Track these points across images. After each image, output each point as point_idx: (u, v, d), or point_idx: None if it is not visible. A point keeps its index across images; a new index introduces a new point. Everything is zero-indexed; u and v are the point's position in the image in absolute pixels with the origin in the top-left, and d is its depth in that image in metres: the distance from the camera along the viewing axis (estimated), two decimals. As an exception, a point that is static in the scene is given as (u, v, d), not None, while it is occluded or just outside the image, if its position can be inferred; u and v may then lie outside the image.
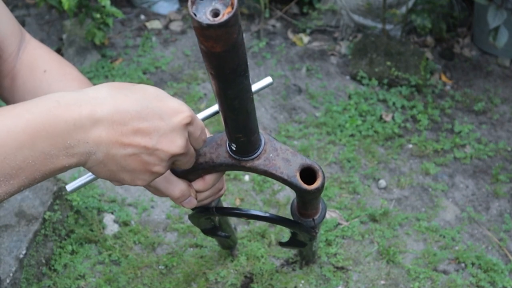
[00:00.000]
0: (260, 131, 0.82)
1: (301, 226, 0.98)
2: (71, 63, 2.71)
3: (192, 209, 1.01)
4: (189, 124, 0.71)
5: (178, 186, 0.85)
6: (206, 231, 1.17)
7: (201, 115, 0.82)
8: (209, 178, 0.88)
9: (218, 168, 0.84)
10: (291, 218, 1.03)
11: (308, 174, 0.84)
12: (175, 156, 0.71)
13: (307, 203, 0.93)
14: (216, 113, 0.83)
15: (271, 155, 0.83)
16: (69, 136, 0.66)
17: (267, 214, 0.97)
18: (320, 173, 0.83)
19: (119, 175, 0.71)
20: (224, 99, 0.69)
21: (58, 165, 0.67)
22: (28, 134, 0.63)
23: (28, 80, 0.95)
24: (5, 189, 0.65)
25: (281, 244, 1.13)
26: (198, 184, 0.88)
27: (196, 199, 0.89)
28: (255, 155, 0.82)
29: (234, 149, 0.80)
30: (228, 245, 1.63)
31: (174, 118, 0.69)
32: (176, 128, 0.69)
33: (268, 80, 0.81)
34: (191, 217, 1.04)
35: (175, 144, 0.70)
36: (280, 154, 0.83)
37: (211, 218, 1.08)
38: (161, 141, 0.69)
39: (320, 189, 0.84)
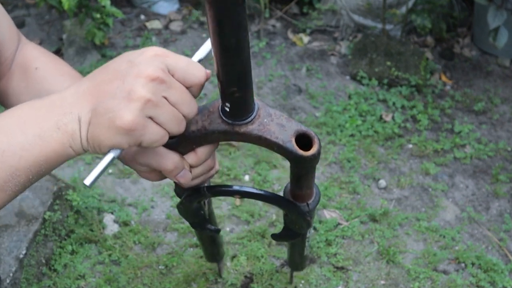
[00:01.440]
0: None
1: (296, 206, 0.94)
2: (71, 63, 2.72)
3: (181, 195, 0.97)
4: (160, 55, 0.68)
5: (170, 158, 0.81)
6: (195, 225, 1.11)
7: (194, 58, 0.78)
8: (201, 151, 0.84)
9: (211, 136, 0.80)
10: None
11: (304, 142, 0.81)
12: (156, 81, 0.67)
13: (302, 179, 0.89)
14: (209, 52, 0.79)
15: (265, 120, 0.79)
16: (56, 112, 0.69)
17: (261, 191, 0.93)
18: (316, 140, 0.81)
19: (110, 135, 0.69)
20: (219, 37, 0.66)
21: (56, 147, 0.69)
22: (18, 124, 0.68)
23: (22, 79, 0.96)
24: (14, 182, 0.68)
25: (274, 236, 1.10)
26: (190, 157, 0.84)
27: (191, 172, 0.85)
28: (249, 118, 0.78)
29: (227, 110, 0.77)
30: (214, 254, 1.51)
31: (142, 54, 0.69)
32: (146, 59, 0.68)
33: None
34: (180, 206, 1.00)
35: (150, 68, 0.67)
36: (274, 120, 0.80)
37: (202, 206, 1.03)
38: (134, 70, 0.67)
39: (316, 156, 0.81)
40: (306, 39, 2.95)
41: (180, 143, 0.81)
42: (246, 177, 2.19)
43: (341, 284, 1.87)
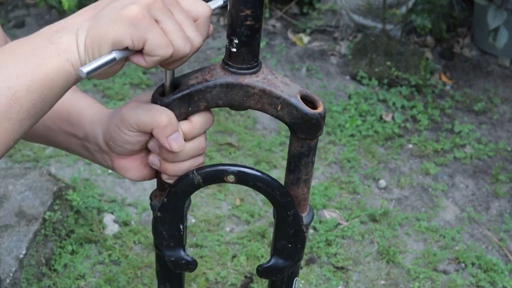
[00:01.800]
0: None
1: (293, 204, 0.84)
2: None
3: (158, 205, 0.84)
4: None
5: (164, 112, 0.74)
6: (168, 251, 0.88)
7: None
8: (196, 119, 0.77)
9: (211, 92, 0.75)
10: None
11: (307, 104, 0.77)
12: None
13: (301, 162, 0.81)
14: (222, 4, 0.76)
15: (269, 76, 0.76)
16: (48, 32, 0.66)
17: (258, 173, 0.81)
18: (320, 103, 0.77)
19: (114, 26, 0.65)
20: None
21: (52, 62, 0.65)
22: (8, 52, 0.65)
23: None
24: (20, 112, 0.64)
25: (261, 270, 0.89)
26: (184, 126, 0.76)
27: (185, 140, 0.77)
28: (254, 69, 0.75)
29: (234, 50, 0.73)
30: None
31: None
32: None
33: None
34: (159, 215, 0.84)
35: None
36: (278, 78, 0.77)
37: (185, 214, 0.85)
38: None
39: (322, 115, 0.76)
40: (306, 39, 2.95)
41: (175, 99, 0.75)
42: (246, 177, 2.19)
43: (341, 284, 1.87)
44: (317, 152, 2.45)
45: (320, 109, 0.76)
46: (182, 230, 0.87)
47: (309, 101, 0.77)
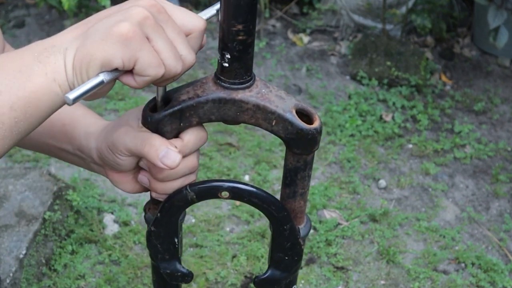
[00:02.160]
0: None
1: (290, 219, 0.81)
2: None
3: (152, 218, 0.82)
4: (154, 4, 0.65)
5: (155, 138, 0.72)
6: (164, 263, 0.88)
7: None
8: (188, 137, 0.74)
9: (203, 107, 0.72)
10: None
11: (303, 119, 0.74)
12: (154, 8, 0.64)
13: (297, 176, 0.79)
14: (214, 15, 0.74)
15: (263, 90, 0.73)
16: (36, 49, 0.64)
17: (253, 189, 0.78)
18: (316, 116, 0.75)
19: (104, 45, 0.62)
20: None
21: (38, 81, 0.62)
22: None
23: None
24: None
25: (257, 282, 0.89)
26: (175, 144, 0.74)
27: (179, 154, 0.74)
28: (247, 83, 0.71)
29: (226, 65, 0.70)
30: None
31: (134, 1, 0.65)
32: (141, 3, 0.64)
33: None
34: (152, 229, 0.82)
35: (146, 0, 0.64)
36: (273, 91, 0.74)
37: (179, 227, 0.85)
38: (128, 3, 0.64)
39: (318, 131, 0.74)
40: (306, 39, 2.95)
41: (166, 116, 0.73)
42: (246, 177, 2.19)
43: (341, 284, 1.87)
44: (317, 152, 2.45)
45: (316, 124, 0.75)
46: (177, 243, 0.86)
47: (305, 115, 0.75)
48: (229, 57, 0.70)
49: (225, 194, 0.78)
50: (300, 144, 0.76)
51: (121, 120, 0.78)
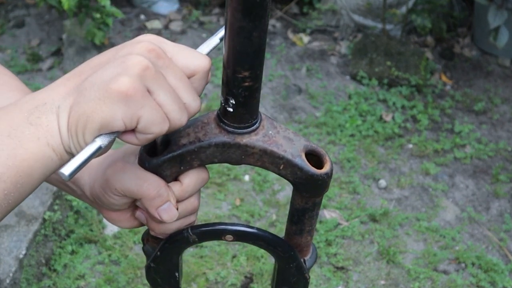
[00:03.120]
0: None
1: (297, 256, 0.79)
2: (71, 63, 2.72)
3: (152, 252, 0.79)
4: (154, 48, 0.59)
5: (153, 181, 0.66)
6: None
7: (201, 50, 0.67)
8: (188, 181, 0.69)
9: (205, 151, 0.68)
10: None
11: (312, 161, 0.70)
12: (153, 53, 0.58)
13: (305, 216, 0.76)
14: (217, 44, 0.69)
15: (270, 132, 0.68)
16: (26, 107, 0.57)
17: (259, 232, 0.76)
18: (327, 158, 0.70)
19: (102, 105, 0.55)
20: (240, 32, 0.58)
21: (30, 146, 0.55)
22: None
23: None
24: None
25: None
26: (175, 188, 0.69)
27: (177, 209, 0.69)
28: (253, 126, 0.67)
29: (230, 110, 0.65)
30: None
31: (133, 42, 0.59)
32: (139, 44, 0.58)
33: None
34: (152, 265, 0.79)
35: (145, 43, 0.58)
36: (280, 132, 0.69)
37: (179, 262, 0.82)
38: (126, 48, 0.58)
39: (329, 175, 0.69)
40: (306, 39, 2.95)
41: (165, 161, 0.68)
42: (246, 177, 2.19)
43: (341, 284, 1.86)
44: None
45: (327, 168, 0.70)
46: (177, 277, 0.83)
47: (315, 155, 0.71)
48: (233, 102, 0.65)
49: (229, 237, 0.75)
50: (310, 188, 0.71)
51: (117, 153, 0.72)
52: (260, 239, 0.76)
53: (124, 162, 0.69)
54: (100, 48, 2.80)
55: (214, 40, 0.68)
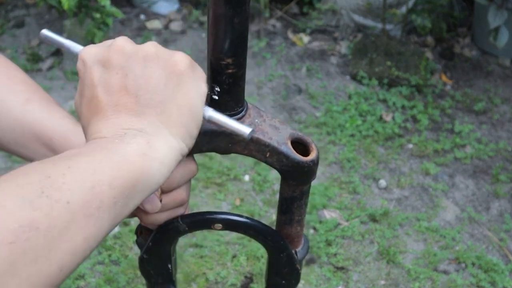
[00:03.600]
0: None
1: (287, 247, 0.79)
2: (71, 63, 2.72)
3: (144, 243, 0.80)
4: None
5: None
6: (158, 284, 0.87)
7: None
8: (175, 173, 0.68)
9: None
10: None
11: (299, 150, 0.71)
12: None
13: (294, 205, 0.77)
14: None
15: (256, 120, 0.69)
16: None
17: (248, 221, 0.76)
18: (313, 146, 0.71)
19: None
20: (222, 19, 0.60)
21: (134, 160, 0.56)
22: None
23: None
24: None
25: None
26: None
27: (161, 201, 0.70)
28: (239, 114, 0.68)
29: (216, 97, 0.67)
30: None
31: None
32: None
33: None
34: (144, 257, 0.80)
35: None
36: (266, 121, 0.70)
37: (171, 252, 0.83)
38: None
39: (315, 162, 0.70)
40: (306, 39, 2.95)
41: None
42: (246, 177, 2.19)
43: (341, 284, 1.86)
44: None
45: (313, 155, 0.70)
46: (170, 268, 0.84)
47: (301, 144, 0.72)
48: (218, 90, 0.67)
49: (218, 226, 0.76)
50: (296, 176, 0.73)
51: None
52: (250, 228, 0.77)
53: None
54: (100, 48, 2.80)
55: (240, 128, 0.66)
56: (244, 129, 0.61)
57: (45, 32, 0.66)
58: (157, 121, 0.59)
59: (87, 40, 2.65)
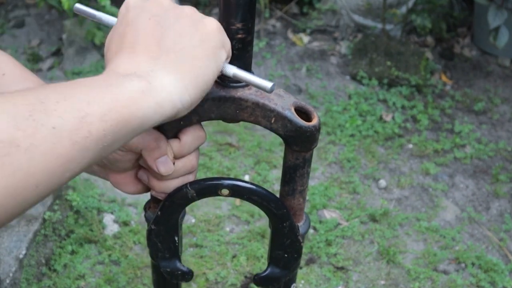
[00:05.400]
0: None
1: (290, 216, 0.82)
2: (71, 63, 2.72)
3: (156, 203, 0.83)
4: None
5: (153, 134, 0.72)
6: (164, 262, 0.88)
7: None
8: (186, 138, 0.74)
9: (203, 105, 0.72)
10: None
11: (302, 117, 0.75)
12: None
13: (296, 174, 0.80)
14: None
15: None
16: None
17: (253, 187, 0.80)
18: (315, 114, 0.75)
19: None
20: None
21: (134, 96, 0.58)
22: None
23: None
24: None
25: (257, 279, 0.90)
26: (174, 144, 0.74)
27: (173, 164, 0.74)
28: None
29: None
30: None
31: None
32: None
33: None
34: (153, 228, 0.83)
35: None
36: None
37: (179, 225, 0.85)
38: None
39: (317, 128, 0.74)
40: (306, 39, 2.95)
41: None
42: (246, 177, 2.19)
43: (341, 284, 1.86)
44: (317, 152, 2.46)
45: (314, 121, 0.75)
46: (177, 241, 0.87)
47: (304, 113, 0.76)
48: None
49: (225, 191, 0.79)
50: (299, 142, 0.76)
51: None
52: (255, 193, 0.81)
53: None
54: (100, 48, 2.80)
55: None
56: (266, 83, 0.65)
57: (78, 6, 0.71)
58: (169, 66, 0.62)
59: (87, 40, 2.65)
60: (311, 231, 2.00)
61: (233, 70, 0.67)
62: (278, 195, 0.84)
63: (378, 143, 2.38)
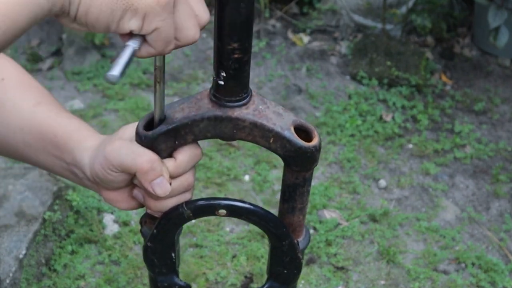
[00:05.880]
0: None
1: (289, 235, 0.80)
2: (71, 63, 2.72)
3: (152, 219, 0.80)
4: None
5: (147, 156, 0.70)
6: (161, 277, 0.86)
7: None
8: (181, 157, 0.72)
9: (198, 125, 0.70)
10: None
11: (302, 136, 0.73)
12: None
13: (296, 192, 0.78)
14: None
15: (260, 106, 0.71)
16: None
17: (251, 207, 0.78)
18: (315, 133, 0.73)
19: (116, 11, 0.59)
20: (228, 3, 0.62)
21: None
22: None
23: None
24: None
25: None
26: (169, 164, 0.72)
27: (170, 184, 0.72)
28: (244, 100, 0.70)
29: (221, 83, 0.68)
30: None
31: None
32: None
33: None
34: (149, 245, 0.80)
35: None
36: (270, 108, 0.72)
37: (176, 242, 0.83)
38: None
39: (317, 148, 0.72)
40: (306, 39, 2.95)
41: (160, 135, 0.71)
42: (246, 177, 2.19)
43: (341, 284, 1.86)
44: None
45: (315, 141, 0.73)
46: (174, 257, 0.85)
47: (304, 131, 0.73)
48: (224, 75, 0.68)
49: (222, 211, 0.77)
50: (299, 162, 0.74)
51: (116, 134, 0.76)
52: (253, 214, 0.79)
53: (121, 140, 0.73)
54: (100, 48, 2.80)
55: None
56: (111, 71, 0.59)
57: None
58: None
59: (87, 40, 2.65)
60: (311, 231, 2.01)
61: (129, 43, 0.62)
62: (278, 194, 0.82)
63: (378, 143, 2.38)
